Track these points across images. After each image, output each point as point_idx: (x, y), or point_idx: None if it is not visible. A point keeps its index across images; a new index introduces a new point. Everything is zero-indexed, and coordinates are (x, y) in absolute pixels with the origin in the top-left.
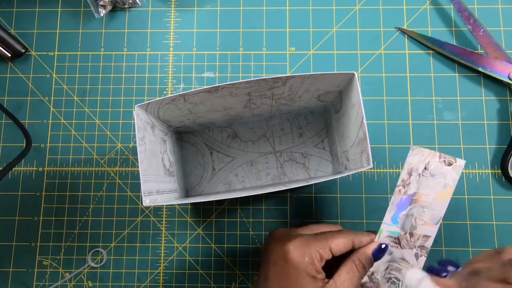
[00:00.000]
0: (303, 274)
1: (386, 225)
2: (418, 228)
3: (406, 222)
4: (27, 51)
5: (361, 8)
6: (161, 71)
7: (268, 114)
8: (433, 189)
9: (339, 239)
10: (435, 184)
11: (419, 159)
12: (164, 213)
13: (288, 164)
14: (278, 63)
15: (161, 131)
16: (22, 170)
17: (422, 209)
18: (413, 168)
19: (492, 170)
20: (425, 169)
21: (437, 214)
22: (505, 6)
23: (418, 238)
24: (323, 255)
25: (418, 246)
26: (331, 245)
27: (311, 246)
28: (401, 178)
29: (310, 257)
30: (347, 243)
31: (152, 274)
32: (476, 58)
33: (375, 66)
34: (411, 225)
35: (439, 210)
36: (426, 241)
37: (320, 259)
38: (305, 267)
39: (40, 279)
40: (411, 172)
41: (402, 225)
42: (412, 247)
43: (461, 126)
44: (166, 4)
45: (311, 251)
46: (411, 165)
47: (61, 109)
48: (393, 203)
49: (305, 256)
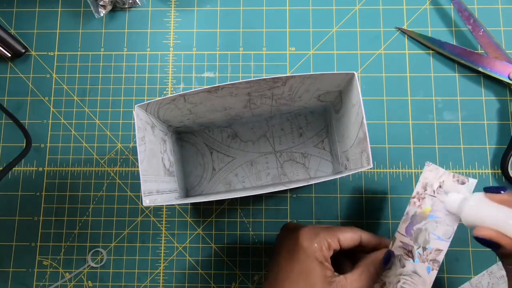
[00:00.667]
0: (312, 258)
1: (400, 235)
2: (431, 242)
3: (420, 236)
4: (27, 51)
5: (361, 8)
6: (161, 71)
7: (268, 114)
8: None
9: (348, 232)
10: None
11: (434, 176)
12: (164, 213)
13: (288, 164)
14: (278, 63)
15: (161, 131)
16: (22, 170)
17: (436, 224)
18: (427, 183)
19: (492, 170)
20: (440, 187)
21: (450, 229)
22: (505, 6)
23: (430, 252)
24: (331, 244)
25: (430, 260)
26: (339, 236)
27: (320, 235)
28: (416, 191)
29: (319, 243)
30: (355, 237)
31: (152, 274)
32: (476, 58)
33: (375, 66)
34: (425, 239)
35: (451, 225)
36: (438, 255)
37: (329, 247)
38: (314, 252)
39: (40, 279)
40: (426, 187)
41: (415, 238)
42: (424, 260)
43: (461, 126)
44: (166, 4)
45: (320, 239)
46: (427, 180)
47: (61, 109)
48: (407, 214)
49: (314, 243)
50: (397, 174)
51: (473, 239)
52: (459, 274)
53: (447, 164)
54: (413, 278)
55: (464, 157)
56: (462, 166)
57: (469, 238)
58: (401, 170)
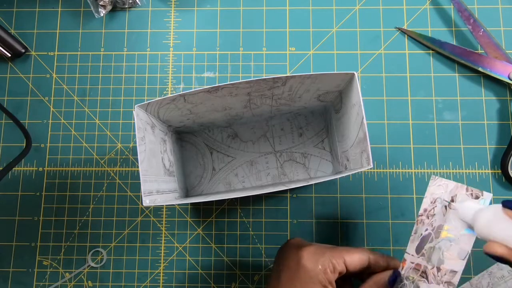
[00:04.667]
0: (314, 280)
1: (411, 256)
2: (446, 262)
3: (434, 255)
4: (27, 51)
5: (361, 8)
6: (161, 71)
7: (268, 114)
8: (460, 223)
9: (355, 254)
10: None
11: (444, 190)
12: (164, 213)
13: (288, 164)
14: (278, 63)
15: (161, 131)
16: (22, 170)
17: (449, 243)
18: (437, 199)
19: (492, 170)
20: (453, 202)
21: (464, 249)
22: (505, 6)
23: (445, 273)
24: (337, 266)
25: (445, 282)
26: (345, 257)
27: (325, 255)
28: (423, 208)
29: (323, 265)
30: (363, 259)
31: (152, 274)
32: (476, 58)
33: (375, 66)
34: (439, 259)
35: (466, 244)
36: (454, 276)
37: (334, 270)
38: (317, 275)
39: (40, 279)
40: (435, 202)
41: (428, 257)
42: (439, 282)
43: (461, 126)
44: (166, 4)
45: (324, 260)
46: (434, 195)
47: (61, 109)
48: (416, 233)
49: (318, 264)
50: (397, 174)
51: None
52: None
53: (447, 164)
54: None
55: (464, 157)
56: (462, 166)
57: None
58: (401, 170)
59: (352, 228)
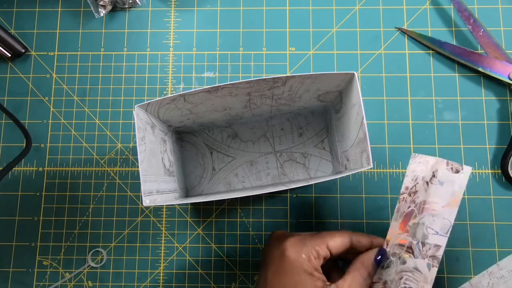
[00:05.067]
0: (299, 270)
1: (395, 233)
2: (430, 237)
3: (418, 231)
4: (27, 51)
5: (361, 8)
6: (161, 71)
7: (268, 114)
8: (441, 197)
9: (337, 237)
10: (443, 192)
11: (424, 167)
12: (164, 213)
13: (288, 164)
14: (278, 63)
15: (161, 131)
16: (22, 170)
17: (432, 217)
18: (418, 176)
19: (492, 170)
20: (434, 177)
21: (447, 223)
22: (505, 6)
23: (429, 247)
24: (320, 252)
25: (429, 256)
26: (328, 242)
27: (307, 243)
28: (405, 186)
29: (307, 254)
30: (345, 241)
31: (152, 274)
32: (476, 58)
33: (375, 66)
34: (423, 234)
35: (448, 218)
36: (437, 251)
37: (318, 256)
38: (301, 264)
39: (40, 279)
40: (417, 179)
41: (413, 234)
42: (424, 256)
43: (461, 126)
44: (166, 4)
45: (307, 248)
46: (415, 172)
47: (61, 109)
48: (398, 211)
49: (301, 253)
50: (397, 174)
51: (473, 239)
52: (459, 274)
53: None
54: (414, 275)
55: (464, 157)
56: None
57: (469, 238)
58: (401, 170)
59: (352, 228)
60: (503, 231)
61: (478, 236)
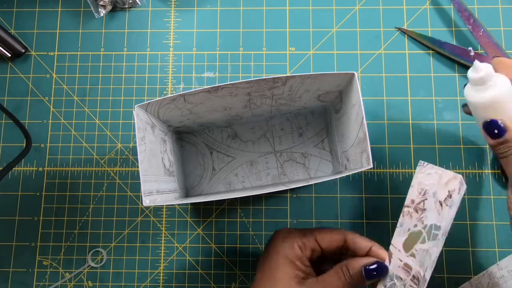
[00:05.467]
0: (280, 255)
1: (398, 251)
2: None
3: (426, 259)
4: (27, 51)
5: (361, 8)
6: (161, 71)
7: (268, 114)
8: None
9: (327, 232)
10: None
11: (436, 181)
12: (164, 213)
13: (288, 164)
14: (278, 63)
15: (161, 131)
16: (22, 170)
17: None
18: (427, 191)
19: (492, 170)
20: (449, 198)
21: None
22: (505, 6)
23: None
24: (307, 243)
25: None
26: (317, 235)
27: (295, 234)
28: (410, 199)
29: (291, 242)
30: (336, 238)
31: (152, 274)
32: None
33: (375, 66)
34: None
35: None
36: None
37: (304, 246)
38: (284, 251)
39: (40, 279)
40: (425, 194)
41: (421, 262)
42: None
43: (461, 126)
44: (166, 4)
45: (292, 237)
46: (423, 185)
47: (61, 109)
48: (402, 226)
49: (285, 241)
50: (397, 174)
51: (473, 239)
52: (459, 274)
53: (447, 164)
54: None
55: (464, 157)
56: (462, 166)
57: (469, 238)
58: (401, 170)
59: (352, 228)
60: (503, 231)
61: (478, 236)
